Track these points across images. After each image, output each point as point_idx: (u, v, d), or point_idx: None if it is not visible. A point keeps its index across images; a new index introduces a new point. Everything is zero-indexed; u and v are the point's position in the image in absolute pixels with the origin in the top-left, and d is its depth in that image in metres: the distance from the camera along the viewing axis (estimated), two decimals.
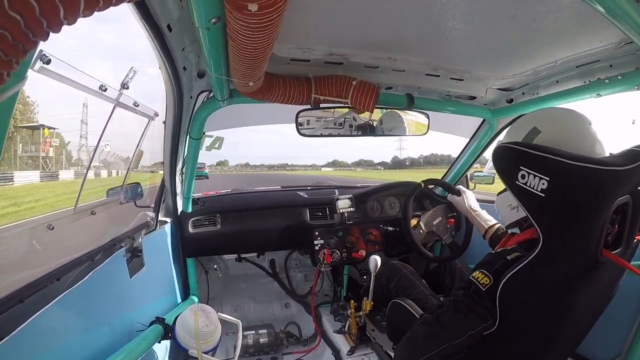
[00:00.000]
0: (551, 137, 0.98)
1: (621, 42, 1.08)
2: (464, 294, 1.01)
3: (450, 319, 1.01)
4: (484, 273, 0.98)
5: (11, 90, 0.53)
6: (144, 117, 2.13)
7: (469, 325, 0.98)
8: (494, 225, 1.55)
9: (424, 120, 1.81)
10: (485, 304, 0.97)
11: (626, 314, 1.25)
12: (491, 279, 0.96)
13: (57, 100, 40.73)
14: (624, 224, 0.94)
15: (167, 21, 0.91)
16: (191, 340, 1.38)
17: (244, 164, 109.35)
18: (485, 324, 0.97)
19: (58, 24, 0.39)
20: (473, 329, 0.97)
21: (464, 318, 0.99)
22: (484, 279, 0.97)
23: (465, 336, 0.98)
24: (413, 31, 1.15)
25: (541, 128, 1.01)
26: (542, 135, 1.00)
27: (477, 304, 0.98)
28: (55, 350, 0.96)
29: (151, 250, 1.58)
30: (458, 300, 1.01)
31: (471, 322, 0.98)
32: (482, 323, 0.97)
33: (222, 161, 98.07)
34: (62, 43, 1.37)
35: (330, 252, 1.97)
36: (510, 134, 1.10)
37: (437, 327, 1.04)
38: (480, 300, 0.97)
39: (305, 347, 2.19)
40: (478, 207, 1.68)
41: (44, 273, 1.13)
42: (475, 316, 0.97)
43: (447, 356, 1.04)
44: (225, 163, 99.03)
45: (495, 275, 0.97)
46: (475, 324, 0.97)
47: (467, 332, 0.98)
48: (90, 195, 3.83)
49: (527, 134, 1.03)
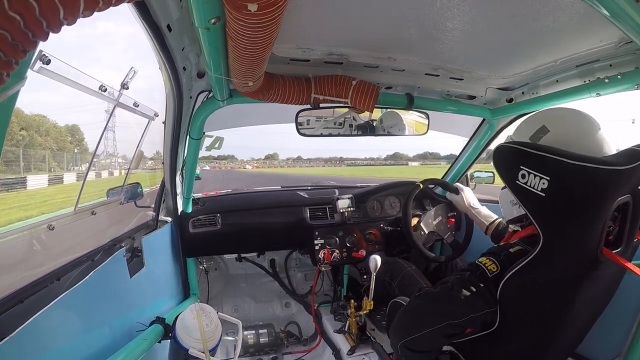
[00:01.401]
0: (559, 137, 0.98)
1: (621, 42, 1.08)
2: (470, 274, 0.98)
3: (455, 295, 0.97)
4: (492, 260, 0.97)
5: (11, 90, 0.53)
6: (144, 117, 2.13)
7: (474, 305, 0.96)
8: (494, 221, 1.55)
9: (423, 120, 1.81)
10: (491, 289, 0.95)
11: (626, 313, 1.25)
12: (499, 267, 0.95)
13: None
14: (624, 223, 0.94)
15: (167, 21, 0.91)
16: (192, 340, 1.38)
17: (296, 157, 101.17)
18: (488, 311, 0.96)
19: (58, 24, 0.39)
20: (475, 312, 0.96)
21: (469, 296, 0.96)
22: (491, 265, 0.96)
23: (467, 317, 0.96)
24: (413, 31, 1.15)
25: (550, 127, 1.01)
26: (550, 134, 1.01)
27: (483, 287, 0.96)
28: (56, 350, 0.96)
29: (151, 250, 1.58)
30: (465, 279, 0.98)
31: (476, 302, 0.96)
32: (484, 308, 0.95)
33: (271, 154, 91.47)
34: (60, 43, 1.37)
35: (330, 251, 1.97)
36: (519, 130, 1.11)
37: (440, 302, 1.00)
38: (486, 284, 0.96)
39: (306, 346, 2.19)
40: (478, 204, 1.68)
41: (44, 273, 1.13)
42: (480, 298, 0.95)
43: (447, 336, 1.02)
44: (274, 156, 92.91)
45: (502, 266, 0.96)
46: (479, 306, 0.96)
47: (469, 314, 0.96)
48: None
49: (535, 131, 1.03)
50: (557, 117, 1.06)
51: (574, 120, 1.03)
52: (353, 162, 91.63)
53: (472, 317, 0.96)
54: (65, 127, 41.13)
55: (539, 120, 1.05)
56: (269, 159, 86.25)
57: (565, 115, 1.08)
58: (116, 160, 29.88)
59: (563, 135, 0.99)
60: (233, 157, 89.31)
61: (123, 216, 1.99)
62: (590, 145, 0.96)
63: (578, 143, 0.95)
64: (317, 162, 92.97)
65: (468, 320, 0.97)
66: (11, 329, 0.77)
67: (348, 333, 1.91)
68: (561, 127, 1.01)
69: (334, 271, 2.30)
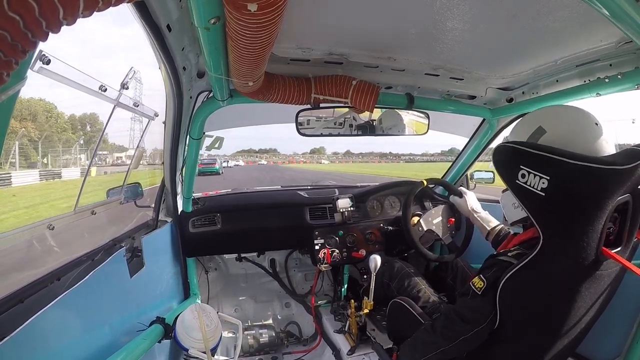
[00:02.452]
0: (557, 138, 0.98)
1: (621, 42, 1.08)
2: (460, 301, 1.09)
3: (442, 326, 1.10)
4: (480, 278, 1.03)
5: (11, 91, 0.53)
6: (144, 117, 2.13)
7: (460, 331, 1.04)
8: (495, 227, 1.54)
9: (423, 120, 1.81)
10: (478, 308, 1.01)
11: (626, 314, 1.25)
12: (485, 282, 1.01)
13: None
14: (624, 223, 0.94)
15: (167, 21, 0.91)
16: (192, 340, 1.38)
17: (345, 152, 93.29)
18: (478, 329, 1.01)
19: (57, 24, 0.39)
20: (465, 334, 1.03)
21: (452, 325, 1.06)
22: (478, 283, 1.03)
23: (458, 341, 1.04)
24: (413, 31, 1.15)
25: (547, 127, 1.01)
26: (547, 135, 1.00)
27: (468, 311, 1.04)
28: (56, 350, 0.96)
29: (151, 250, 1.58)
30: (451, 308, 1.10)
31: (461, 328, 1.04)
32: (473, 328, 1.02)
33: (317, 148, 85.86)
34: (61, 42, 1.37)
35: (330, 251, 1.97)
36: (515, 132, 1.10)
37: (431, 334, 1.13)
38: (472, 306, 1.03)
39: (306, 346, 2.19)
40: (480, 209, 1.68)
41: (44, 273, 1.13)
42: (464, 323, 1.04)
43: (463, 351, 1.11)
44: (320, 151, 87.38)
45: (492, 278, 0.99)
46: (466, 329, 1.03)
47: (458, 337, 1.04)
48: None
49: (532, 133, 1.03)
50: (553, 117, 1.05)
51: (570, 118, 1.03)
52: (411, 159, 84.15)
53: (463, 339, 1.04)
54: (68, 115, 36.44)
55: (534, 121, 1.05)
56: (314, 154, 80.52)
57: (561, 113, 1.07)
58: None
59: (560, 136, 0.98)
60: (275, 150, 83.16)
61: (122, 216, 1.99)
62: (589, 143, 0.96)
63: (575, 142, 0.94)
64: (370, 157, 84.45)
65: (460, 343, 1.05)
66: (11, 329, 0.77)
67: (348, 333, 1.91)
68: (558, 127, 1.01)
69: (334, 271, 2.30)
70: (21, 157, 22.73)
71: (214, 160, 24.75)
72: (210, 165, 23.76)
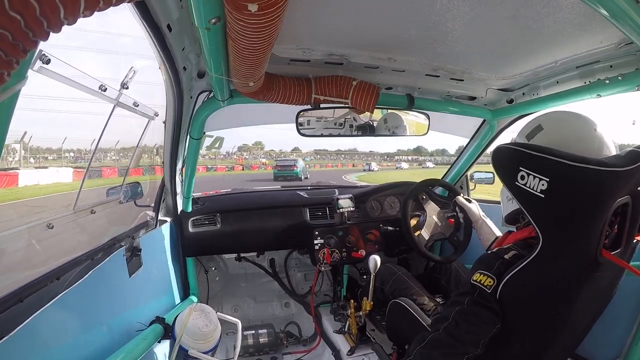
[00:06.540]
0: (552, 136, 0.99)
1: (621, 43, 1.08)
2: (470, 301, 0.98)
3: (465, 331, 0.97)
4: (486, 274, 0.97)
5: (11, 90, 0.53)
6: (144, 117, 2.13)
7: (482, 334, 0.96)
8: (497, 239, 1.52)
9: (424, 121, 1.81)
10: (492, 307, 0.95)
11: (626, 314, 1.25)
12: (494, 279, 0.95)
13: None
14: (623, 224, 0.94)
15: (167, 21, 0.91)
16: (191, 340, 1.38)
17: (395, 151, 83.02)
18: (494, 329, 0.96)
19: (58, 24, 0.39)
20: (485, 337, 0.96)
21: (476, 329, 0.96)
22: (487, 281, 0.96)
23: (481, 346, 0.96)
24: (413, 31, 1.15)
25: (544, 126, 1.03)
26: (544, 132, 1.01)
27: (484, 311, 0.96)
28: (55, 349, 0.96)
29: (151, 250, 1.58)
30: (467, 311, 0.98)
31: (483, 331, 0.96)
32: (492, 329, 0.96)
33: (392, 153, 76.52)
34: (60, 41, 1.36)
35: (330, 251, 1.97)
36: (520, 131, 1.12)
37: (453, 344, 0.98)
38: (487, 305, 0.96)
39: (305, 347, 2.19)
40: (487, 217, 1.65)
41: (43, 272, 1.13)
42: (485, 325, 0.96)
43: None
44: (398, 153, 78.24)
45: (497, 276, 0.96)
46: (487, 332, 0.96)
47: (481, 341, 0.96)
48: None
49: (531, 131, 1.05)
50: (553, 117, 1.08)
51: (569, 120, 1.04)
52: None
53: (483, 342, 0.96)
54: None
55: (536, 120, 1.07)
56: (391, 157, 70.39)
57: (560, 115, 1.10)
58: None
59: (556, 134, 0.99)
60: (297, 149, 71.95)
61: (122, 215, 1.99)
62: (586, 144, 0.96)
63: (572, 143, 0.95)
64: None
65: (481, 347, 0.97)
66: (10, 328, 0.77)
67: (348, 333, 1.91)
68: (555, 127, 1.02)
69: (333, 271, 2.30)
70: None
71: (293, 163, 21.80)
72: (289, 168, 20.78)
